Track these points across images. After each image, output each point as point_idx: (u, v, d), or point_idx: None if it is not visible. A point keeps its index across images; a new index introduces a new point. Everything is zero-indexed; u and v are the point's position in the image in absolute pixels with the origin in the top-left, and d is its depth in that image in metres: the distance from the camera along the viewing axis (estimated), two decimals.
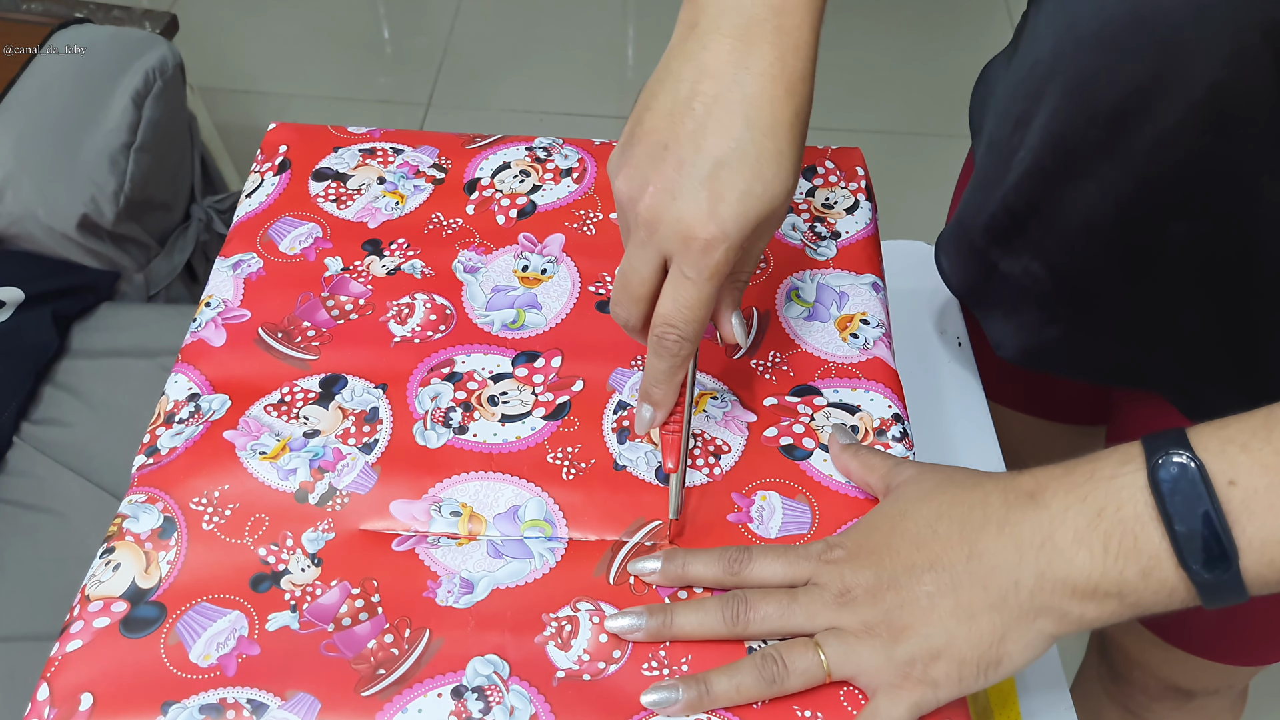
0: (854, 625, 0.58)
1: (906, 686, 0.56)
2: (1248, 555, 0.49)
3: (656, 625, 0.60)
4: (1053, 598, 0.54)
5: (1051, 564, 0.54)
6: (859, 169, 0.84)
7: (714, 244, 0.58)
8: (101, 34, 1.54)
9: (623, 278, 0.62)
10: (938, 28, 2.74)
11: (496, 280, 0.76)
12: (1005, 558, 0.55)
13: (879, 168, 1.08)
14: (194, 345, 0.72)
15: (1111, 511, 0.52)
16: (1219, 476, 0.50)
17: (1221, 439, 0.51)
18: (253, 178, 0.83)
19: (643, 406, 0.65)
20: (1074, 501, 0.54)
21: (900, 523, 0.60)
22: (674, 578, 0.62)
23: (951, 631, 0.55)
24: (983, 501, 0.57)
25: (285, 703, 0.57)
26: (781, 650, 0.58)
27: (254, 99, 2.55)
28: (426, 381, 0.70)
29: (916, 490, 0.61)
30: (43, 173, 1.39)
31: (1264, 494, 0.49)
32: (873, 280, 0.77)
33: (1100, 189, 0.71)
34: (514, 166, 0.83)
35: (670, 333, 0.61)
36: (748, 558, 0.61)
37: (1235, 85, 0.61)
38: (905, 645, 0.56)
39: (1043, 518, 0.54)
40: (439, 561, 0.63)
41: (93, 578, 0.62)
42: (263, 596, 0.61)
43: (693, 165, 0.58)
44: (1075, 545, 0.53)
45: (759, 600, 0.59)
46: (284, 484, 0.65)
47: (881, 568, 0.58)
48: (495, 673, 0.58)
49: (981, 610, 0.55)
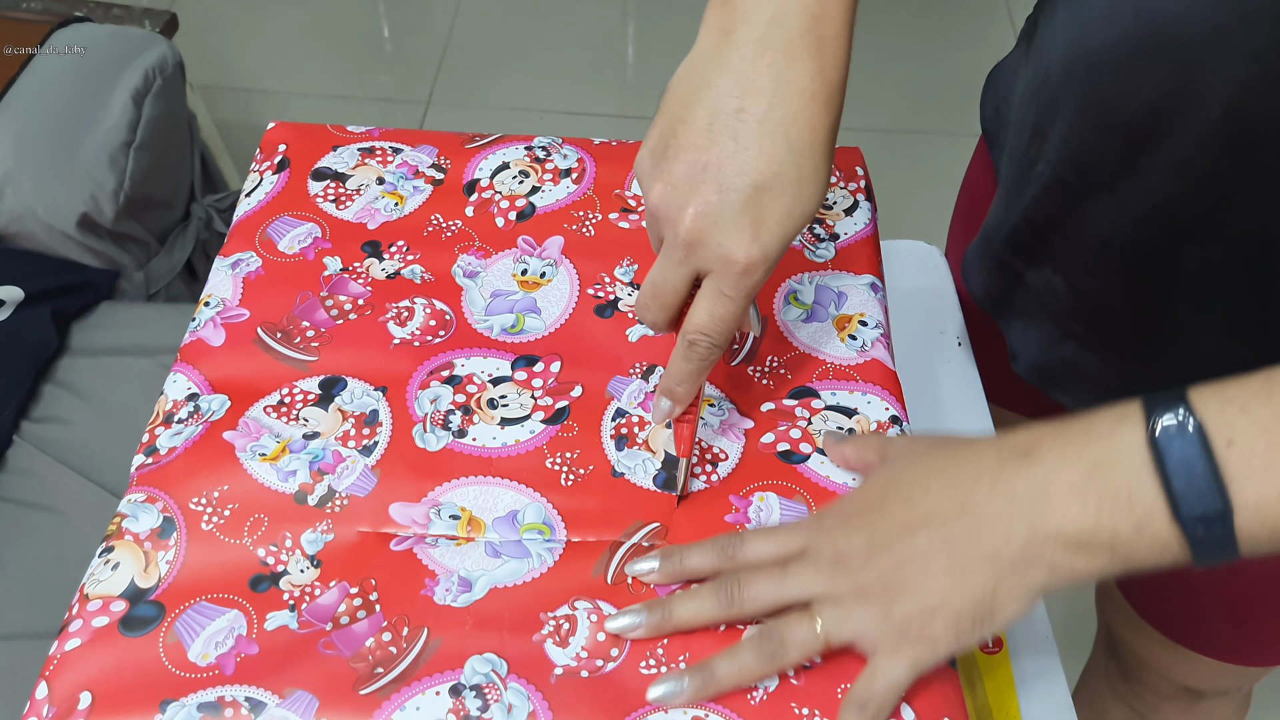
0: (848, 590, 0.58)
1: (905, 646, 0.57)
2: (1242, 514, 0.50)
3: (657, 620, 0.60)
4: (1044, 550, 0.54)
5: (1044, 517, 0.54)
6: (858, 169, 0.84)
7: (754, 267, 0.58)
8: (101, 32, 1.54)
9: (655, 287, 0.62)
10: (937, 26, 2.74)
11: (496, 285, 0.76)
12: (997, 511, 0.55)
13: (880, 167, 1.08)
14: (193, 345, 0.72)
15: (1108, 466, 0.53)
16: (1218, 436, 0.50)
17: (1221, 399, 0.51)
18: (252, 177, 0.83)
19: (662, 400, 0.65)
20: (1069, 456, 0.54)
21: (893, 485, 0.60)
22: (672, 573, 0.62)
23: (946, 588, 0.56)
24: (975, 458, 0.58)
25: (283, 701, 0.57)
26: (778, 625, 0.59)
27: (254, 97, 2.55)
28: (426, 384, 0.70)
29: (909, 455, 0.62)
30: (43, 171, 1.39)
31: (1261, 455, 0.50)
32: (871, 281, 0.77)
33: (1119, 206, 0.71)
34: (513, 167, 0.83)
35: (703, 340, 0.61)
36: (741, 541, 0.62)
37: (1253, 108, 0.60)
38: (901, 605, 0.57)
39: (1036, 472, 0.55)
40: (437, 561, 0.63)
41: (91, 577, 0.62)
42: (261, 596, 0.61)
43: (734, 190, 0.58)
44: (1069, 498, 0.53)
45: (751, 578, 0.60)
46: (283, 485, 0.65)
47: (875, 530, 0.59)
48: (493, 671, 0.59)
49: (974, 565, 0.56)
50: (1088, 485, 0.53)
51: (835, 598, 0.58)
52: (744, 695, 0.58)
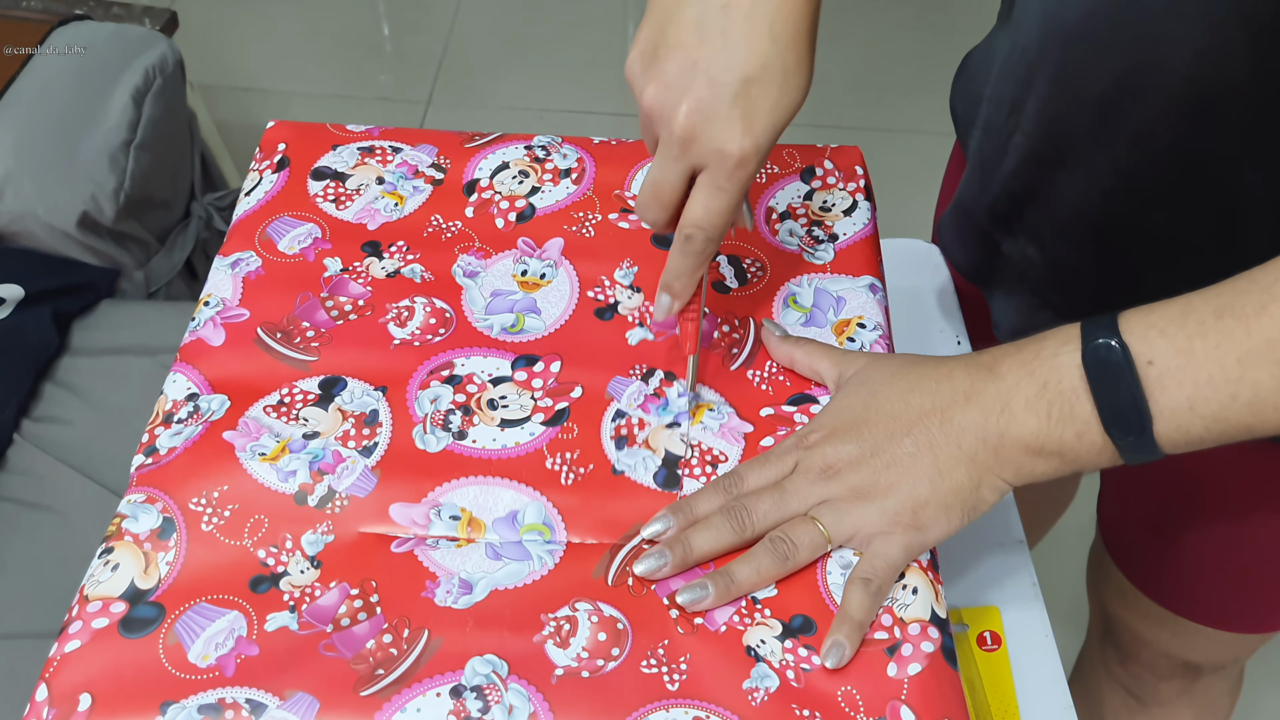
0: (843, 493, 0.64)
1: (898, 531, 0.63)
2: (1159, 422, 0.58)
3: (680, 555, 0.63)
4: (1011, 453, 0.62)
5: (1009, 426, 0.62)
6: (858, 168, 0.84)
7: (747, 159, 0.62)
8: (101, 31, 1.54)
9: (654, 186, 0.65)
10: (938, 25, 2.74)
11: (496, 284, 0.76)
12: (974, 421, 0.63)
13: (881, 165, 1.09)
14: (192, 344, 0.72)
15: (1053, 384, 0.60)
16: (1140, 358, 0.58)
17: (1145, 324, 0.58)
18: (251, 176, 0.83)
19: (662, 296, 0.70)
20: (1024, 375, 0.62)
21: (872, 401, 0.66)
22: (685, 522, 0.65)
23: (934, 482, 0.63)
24: (949, 376, 0.64)
25: (284, 703, 0.57)
26: (785, 530, 0.64)
27: (254, 96, 2.55)
28: (426, 384, 0.70)
29: (881, 373, 0.67)
30: (43, 170, 1.39)
31: (1174, 373, 0.57)
32: (870, 282, 0.77)
33: (1089, 177, 0.75)
34: (513, 166, 0.83)
35: (699, 234, 0.65)
36: (738, 475, 0.67)
37: (1211, 77, 0.64)
38: (893, 498, 0.63)
39: (1001, 388, 0.62)
40: (438, 563, 0.63)
41: (91, 578, 0.62)
42: (261, 597, 0.61)
43: (724, 85, 0.61)
44: (1026, 411, 0.61)
45: (754, 501, 0.65)
46: (283, 486, 0.65)
47: (862, 440, 0.65)
48: (494, 672, 0.58)
49: (957, 464, 0.63)
50: (1039, 400, 0.61)
51: (832, 501, 0.64)
52: (745, 696, 0.58)
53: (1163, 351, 0.57)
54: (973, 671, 0.80)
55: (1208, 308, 0.57)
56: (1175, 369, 0.57)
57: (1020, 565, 0.85)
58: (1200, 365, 0.56)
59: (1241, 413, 0.57)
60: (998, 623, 0.82)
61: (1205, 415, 0.57)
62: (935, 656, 0.60)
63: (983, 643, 0.81)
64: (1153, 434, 0.58)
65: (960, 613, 0.83)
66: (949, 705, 0.59)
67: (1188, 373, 0.57)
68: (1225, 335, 0.56)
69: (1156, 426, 0.58)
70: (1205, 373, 0.56)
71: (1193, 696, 1.11)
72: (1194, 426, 0.58)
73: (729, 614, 0.62)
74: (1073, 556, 1.29)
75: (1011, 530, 0.87)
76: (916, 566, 0.63)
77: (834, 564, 0.64)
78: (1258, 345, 0.55)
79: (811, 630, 0.61)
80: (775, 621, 0.62)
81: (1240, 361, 0.55)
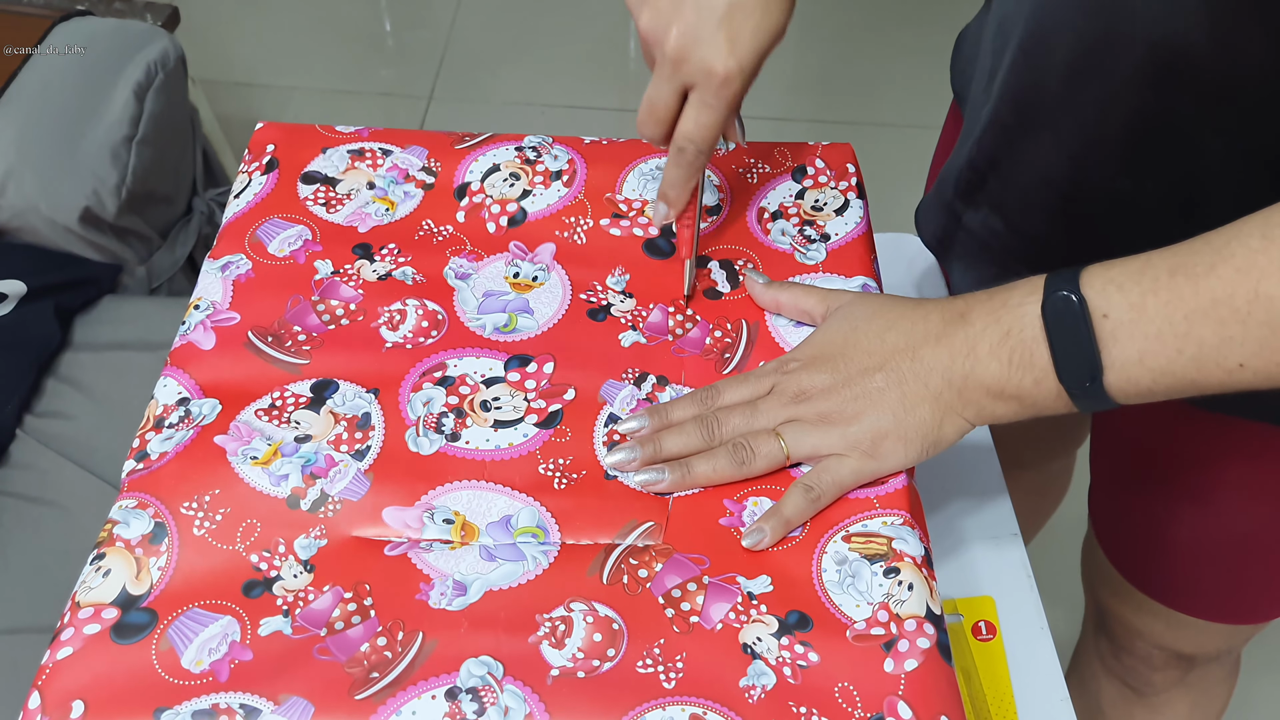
0: (810, 416, 0.68)
1: (854, 454, 0.67)
2: (1110, 373, 0.61)
3: (650, 452, 0.68)
4: (973, 394, 0.66)
5: (974, 369, 0.65)
6: (849, 166, 0.84)
7: (732, 78, 0.68)
8: (103, 27, 1.54)
9: (650, 103, 0.72)
10: (940, 20, 2.73)
11: (488, 285, 0.76)
12: (941, 362, 0.66)
13: (881, 162, 1.08)
14: (183, 348, 0.72)
15: (1016, 333, 0.64)
16: (1096, 311, 0.61)
17: (1104, 279, 0.61)
18: (240, 178, 0.82)
19: (659, 205, 0.76)
20: (991, 322, 0.65)
21: (852, 335, 0.69)
22: (658, 425, 0.69)
23: (899, 416, 0.66)
24: (924, 318, 0.68)
25: (278, 707, 0.57)
26: (748, 438, 0.68)
27: (256, 92, 2.55)
28: (419, 386, 0.70)
29: (864, 310, 0.71)
30: (45, 166, 1.39)
31: (1127, 327, 0.60)
32: (863, 281, 0.77)
33: (1056, 144, 0.77)
34: (504, 169, 0.83)
35: (690, 146, 0.72)
36: (717, 390, 0.71)
37: (1173, 42, 0.66)
38: (856, 427, 0.67)
39: (970, 333, 0.65)
40: (431, 565, 0.63)
41: (83, 584, 0.62)
42: (255, 602, 0.61)
43: (710, 9, 0.68)
44: (990, 356, 0.64)
45: (727, 414, 0.69)
46: (275, 490, 0.65)
47: (836, 371, 0.68)
48: (489, 673, 0.58)
49: (922, 401, 0.66)
50: (1002, 346, 0.64)
51: (798, 421, 0.68)
52: (742, 694, 0.58)
53: (1118, 306, 0.60)
54: (968, 661, 0.80)
55: (1163, 265, 0.60)
56: (1128, 323, 0.60)
57: (1015, 556, 0.86)
58: (1150, 320, 0.59)
59: (1187, 367, 0.59)
60: (992, 613, 0.83)
61: (1153, 369, 0.60)
62: (931, 653, 0.60)
63: (978, 632, 0.82)
64: (1104, 384, 0.61)
65: (955, 603, 0.83)
66: (945, 701, 0.59)
67: (1139, 327, 0.60)
68: (1175, 293, 0.59)
69: (1107, 377, 0.61)
70: (1155, 328, 0.59)
71: (1188, 686, 1.12)
72: (1143, 378, 0.61)
73: (725, 612, 0.62)
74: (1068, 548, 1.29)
75: (1005, 522, 0.87)
76: (911, 563, 0.63)
77: (829, 560, 0.64)
78: (1204, 303, 0.58)
79: (808, 627, 0.61)
80: (771, 618, 0.61)
81: (1187, 318, 0.58)
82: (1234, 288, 0.57)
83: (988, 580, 0.85)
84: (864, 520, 0.66)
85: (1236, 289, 0.57)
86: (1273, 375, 0.58)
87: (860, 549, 0.64)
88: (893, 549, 0.64)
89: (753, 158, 0.84)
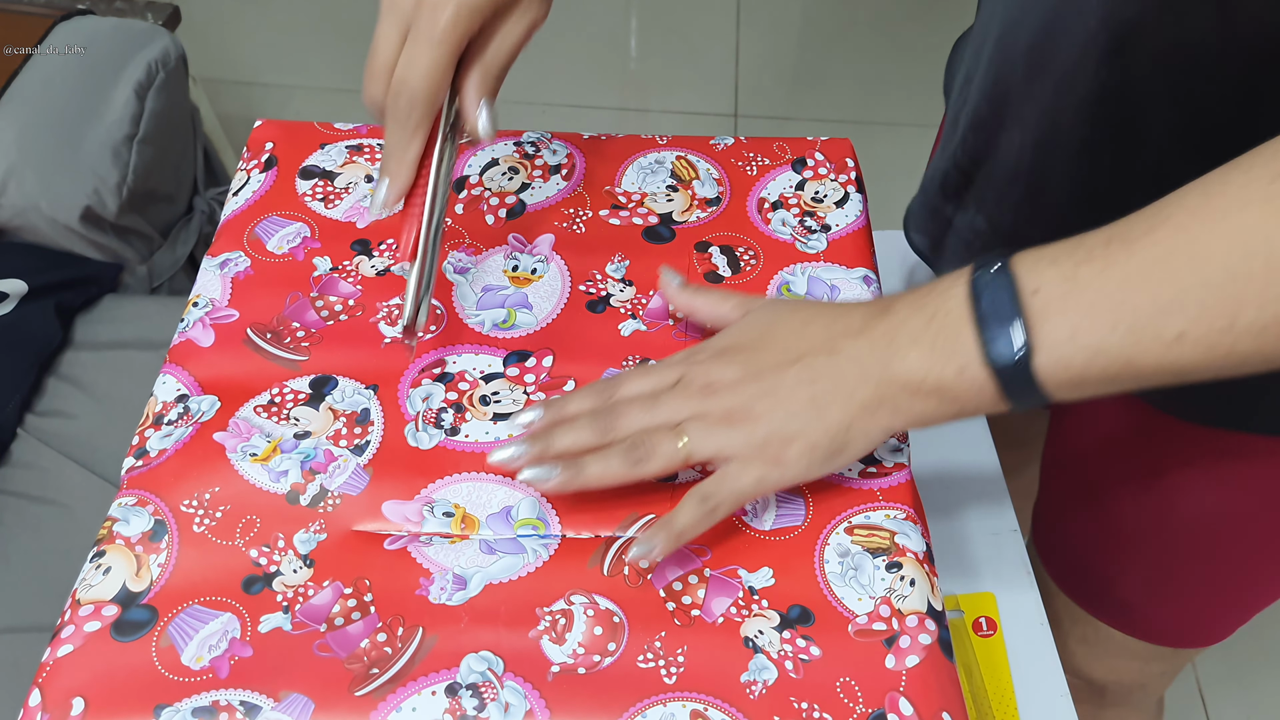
0: (715, 412, 0.62)
1: (758, 461, 0.61)
2: (1040, 354, 0.55)
3: (538, 450, 0.64)
4: (889, 391, 0.60)
5: (891, 361, 0.60)
6: (849, 160, 0.84)
7: (443, 2, 0.62)
8: (104, 25, 1.54)
9: (371, 54, 0.64)
10: (942, 19, 2.73)
11: (486, 280, 0.76)
12: (858, 356, 0.61)
13: (881, 161, 1.08)
14: (182, 345, 0.72)
15: (941, 315, 0.59)
16: (1025, 285, 0.56)
17: (1037, 255, 0.57)
18: (239, 175, 0.82)
19: (380, 182, 0.66)
20: (914, 310, 0.60)
21: (771, 328, 0.65)
22: (554, 418, 0.66)
23: (806, 419, 0.61)
24: (848, 314, 0.63)
25: (279, 704, 0.57)
26: (647, 435, 0.63)
27: (256, 90, 2.55)
28: (418, 382, 0.70)
29: (787, 306, 0.67)
30: (46, 165, 1.39)
31: (1058, 301, 0.55)
32: (864, 274, 0.77)
33: (1023, 132, 0.75)
34: (502, 163, 0.83)
35: (403, 91, 0.63)
36: (618, 381, 0.67)
37: (1122, 15, 0.64)
38: (762, 428, 0.61)
39: (891, 322, 0.61)
40: (431, 559, 0.63)
41: (83, 582, 0.62)
42: (255, 598, 0.61)
43: None
44: (910, 345, 0.59)
45: (625, 408, 0.64)
46: (275, 486, 0.65)
47: (749, 363, 0.63)
48: (489, 669, 0.58)
49: (833, 401, 0.61)
50: (925, 332, 0.59)
51: (702, 418, 0.63)
52: (743, 689, 0.58)
53: (1049, 279, 0.56)
54: (969, 657, 0.81)
55: (1100, 236, 0.56)
56: (1059, 297, 0.55)
57: (1015, 552, 0.86)
58: (1083, 291, 0.55)
59: (1123, 343, 0.54)
60: (993, 608, 0.83)
61: (1086, 347, 0.55)
62: (932, 649, 0.60)
63: (978, 628, 0.82)
64: (1033, 368, 0.56)
65: (956, 599, 0.83)
66: (946, 697, 0.59)
67: (1070, 300, 0.55)
68: (1109, 260, 0.54)
69: (1037, 359, 0.56)
70: (1087, 299, 0.54)
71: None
72: (1075, 359, 0.55)
73: (726, 605, 0.62)
74: None
75: (1006, 519, 0.87)
76: (913, 559, 0.63)
77: (832, 553, 0.64)
78: (1138, 267, 0.53)
79: (809, 621, 0.61)
80: (773, 612, 0.61)
81: (1121, 286, 0.54)
82: (1170, 249, 0.53)
83: (988, 576, 0.85)
84: (867, 512, 0.66)
85: (1173, 250, 0.53)
86: (1215, 346, 0.53)
87: (863, 542, 0.64)
88: (895, 544, 0.64)
89: (752, 151, 0.84)
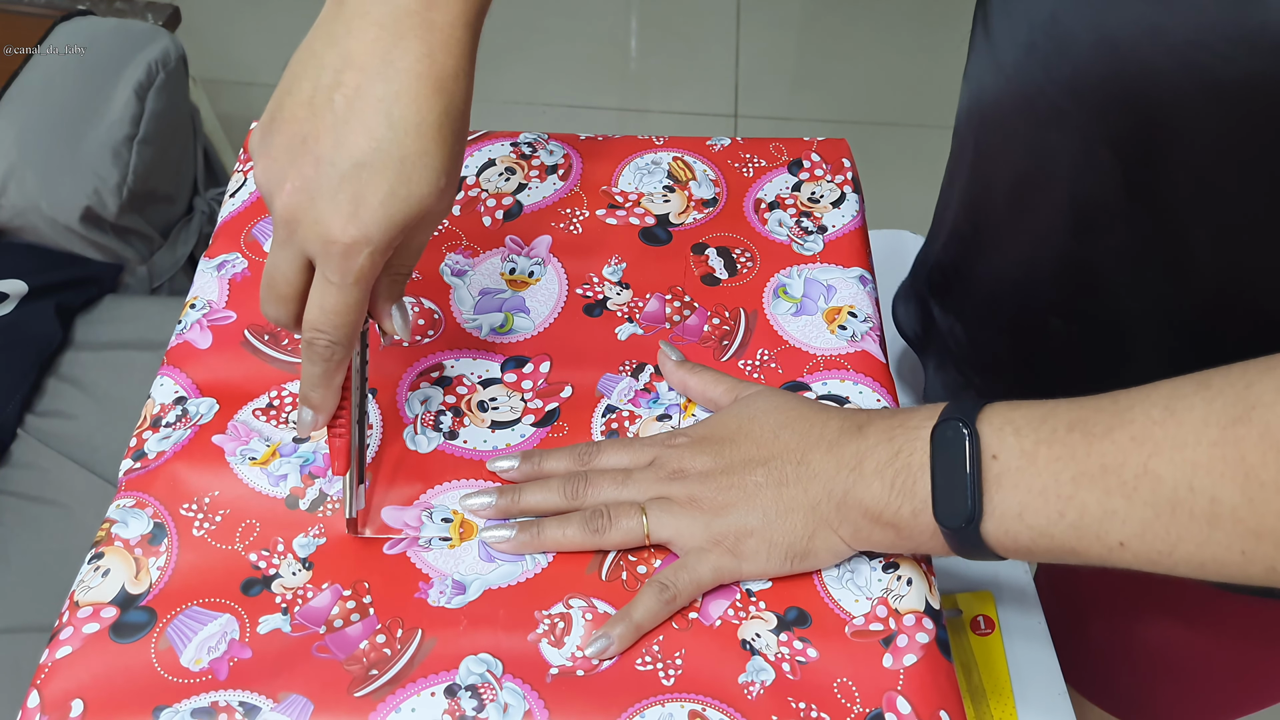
0: (681, 496, 0.63)
1: (715, 551, 0.61)
2: (988, 520, 0.56)
3: (506, 502, 0.64)
4: (851, 513, 0.60)
5: (855, 486, 0.60)
6: (845, 161, 0.84)
7: (355, 248, 0.56)
8: (104, 26, 1.54)
9: (268, 276, 0.59)
10: (942, 18, 2.73)
11: (484, 283, 0.76)
12: (826, 470, 0.61)
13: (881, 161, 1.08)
14: (179, 348, 0.72)
15: (905, 456, 0.59)
16: (986, 450, 0.56)
17: (1003, 419, 0.56)
18: (236, 177, 0.82)
19: (302, 410, 0.63)
20: (884, 440, 0.60)
21: (746, 424, 0.64)
22: (529, 471, 0.66)
23: (769, 518, 0.61)
24: (823, 423, 0.63)
25: (278, 705, 0.57)
26: (610, 508, 0.63)
27: (257, 91, 2.54)
28: (416, 386, 0.70)
29: (768, 402, 0.66)
30: (46, 165, 1.39)
31: (1013, 474, 0.55)
32: (860, 274, 0.77)
33: (1004, 266, 0.75)
34: (499, 164, 0.83)
35: (320, 338, 0.59)
36: (597, 449, 0.66)
37: (1087, 194, 0.64)
38: (723, 520, 0.62)
39: (861, 446, 0.60)
40: (430, 564, 0.63)
41: (81, 584, 0.62)
42: (253, 600, 0.61)
43: (331, 165, 0.55)
44: (874, 475, 0.59)
45: (597, 478, 0.64)
46: (274, 490, 0.65)
47: (720, 456, 0.63)
48: (488, 671, 0.58)
49: (797, 508, 0.61)
50: (889, 467, 0.59)
51: (666, 501, 0.63)
52: (741, 690, 0.58)
53: (1010, 450, 0.55)
54: (967, 656, 0.81)
55: (1065, 417, 0.55)
56: (1014, 470, 0.55)
57: None
58: (1038, 474, 0.54)
59: (1066, 534, 0.54)
60: (991, 608, 0.83)
61: (1032, 527, 0.55)
62: (930, 648, 0.60)
63: (976, 627, 0.82)
64: (981, 532, 0.56)
65: (954, 598, 0.83)
66: (944, 696, 0.59)
67: (1024, 477, 0.55)
68: (1068, 450, 0.53)
69: (985, 525, 0.56)
70: (1040, 483, 0.54)
71: None
72: (1021, 535, 0.55)
73: (724, 608, 0.62)
74: None
75: None
76: (910, 558, 0.63)
77: None
78: (1093, 467, 0.53)
79: (806, 623, 0.61)
80: (770, 614, 0.61)
81: (1074, 480, 0.53)
82: (1125, 457, 0.52)
83: (986, 575, 0.85)
84: None
85: (1127, 459, 0.52)
86: (1155, 564, 0.53)
87: None
88: None
89: (748, 152, 0.84)
